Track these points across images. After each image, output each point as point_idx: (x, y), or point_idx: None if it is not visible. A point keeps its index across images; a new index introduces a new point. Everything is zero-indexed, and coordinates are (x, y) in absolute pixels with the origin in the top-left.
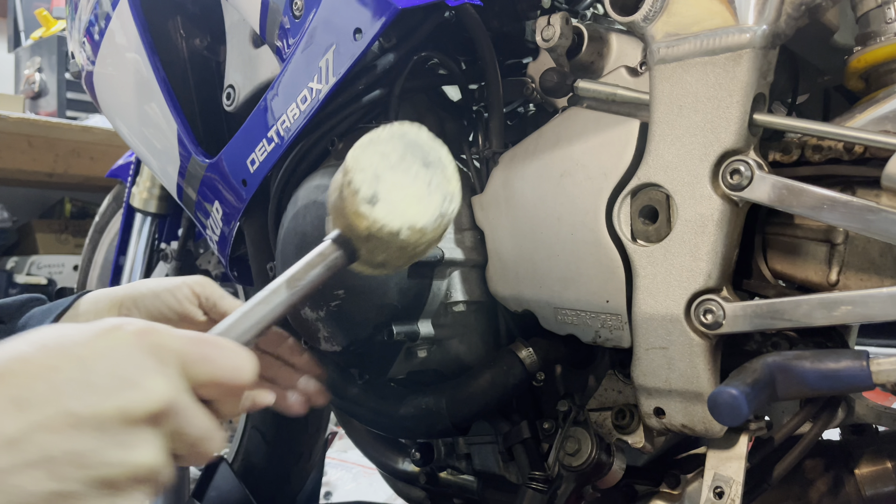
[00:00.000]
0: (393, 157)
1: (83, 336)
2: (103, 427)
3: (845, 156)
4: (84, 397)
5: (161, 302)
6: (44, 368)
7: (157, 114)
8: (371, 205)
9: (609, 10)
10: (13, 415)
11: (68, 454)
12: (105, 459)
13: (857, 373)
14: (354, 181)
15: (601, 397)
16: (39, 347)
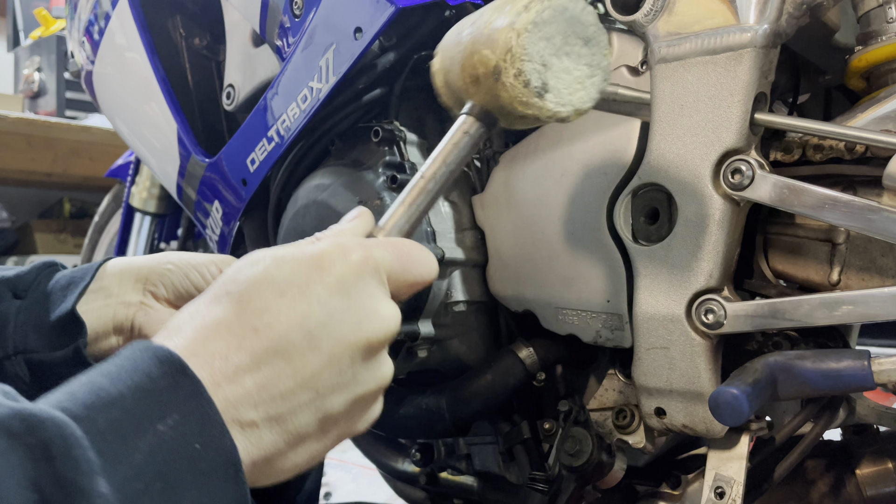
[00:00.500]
0: (557, 40)
1: (313, 273)
2: (357, 356)
3: (846, 155)
4: (339, 334)
5: (189, 280)
6: (296, 315)
7: (157, 113)
8: (540, 97)
9: (610, 9)
10: (280, 367)
11: (332, 386)
12: (360, 381)
13: (859, 373)
14: (525, 71)
15: (602, 397)
16: (281, 292)
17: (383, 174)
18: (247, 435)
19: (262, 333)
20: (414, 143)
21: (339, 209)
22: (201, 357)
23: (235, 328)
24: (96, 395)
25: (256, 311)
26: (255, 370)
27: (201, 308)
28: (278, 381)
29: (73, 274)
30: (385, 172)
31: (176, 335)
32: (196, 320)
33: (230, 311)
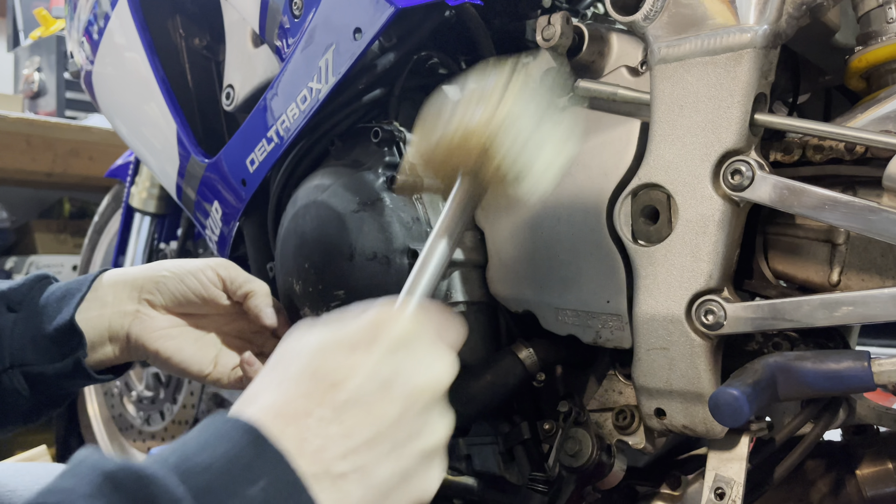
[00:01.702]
0: (529, 125)
1: (374, 332)
2: (424, 405)
3: (846, 156)
4: (408, 384)
5: (186, 286)
6: (368, 368)
7: (157, 113)
8: (519, 182)
9: (610, 9)
10: (361, 417)
11: (407, 436)
12: (429, 430)
13: (859, 373)
14: (503, 166)
15: (602, 398)
16: (350, 349)
17: (383, 174)
18: (337, 489)
19: (339, 387)
20: None
21: (339, 209)
22: (285, 417)
23: (312, 386)
24: (189, 462)
25: (330, 368)
26: (337, 422)
27: (273, 375)
28: (361, 430)
29: (67, 286)
30: (385, 173)
31: (254, 403)
32: (270, 387)
33: (303, 374)
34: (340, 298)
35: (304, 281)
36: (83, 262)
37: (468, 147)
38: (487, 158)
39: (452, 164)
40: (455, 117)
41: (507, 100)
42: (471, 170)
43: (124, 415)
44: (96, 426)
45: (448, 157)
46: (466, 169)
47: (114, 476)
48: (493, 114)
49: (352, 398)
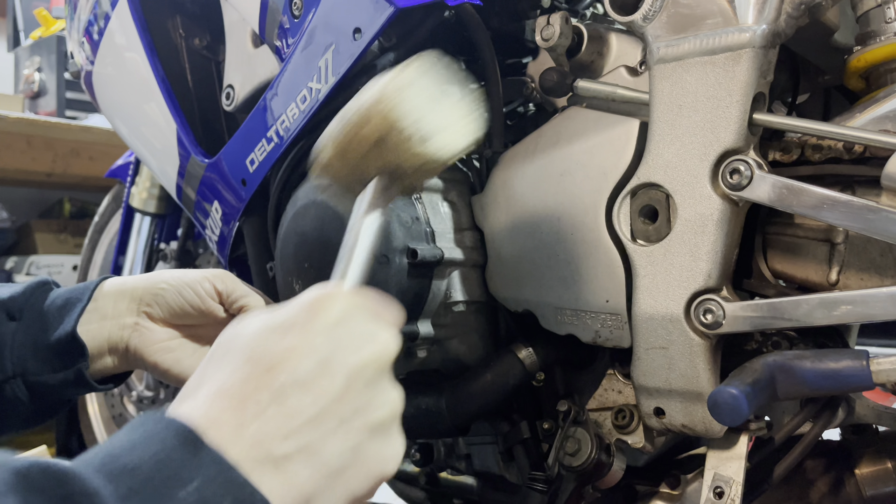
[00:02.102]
0: (425, 92)
1: (310, 313)
2: (369, 379)
3: (845, 155)
4: (349, 359)
5: (183, 299)
6: (304, 348)
7: (157, 113)
8: (424, 143)
9: (609, 9)
10: (301, 396)
11: (353, 411)
12: (377, 404)
13: (858, 372)
14: (405, 129)
15: (601, 397)
16: (284, 332)
17: None
18: (282, 472)
19: (275, 369)
20: None
21: (339, 209)
22: (220, 406)
23: (249, 373)
24: (115, 463)
25: (265, 354)
26: (277, 403)
27: (209, 368)
28: (302, 410)
29: (69, 294)
30: None
31: (190, 398)
32: (207, 379)
33: (239, 361)
34: None
35: (304, 281)
36: (83, 262)
37: (372, 124)
38: (391, 128)
39: (361, 148)
40: (352, 108)
41: (396, 78)
42: (379, 146)
43: (124, 415)
44: (96, 426)
45: (355, 142)
46: (376, 145)
47: (26, 474)
48: (385, 86)
49: (290, 379)
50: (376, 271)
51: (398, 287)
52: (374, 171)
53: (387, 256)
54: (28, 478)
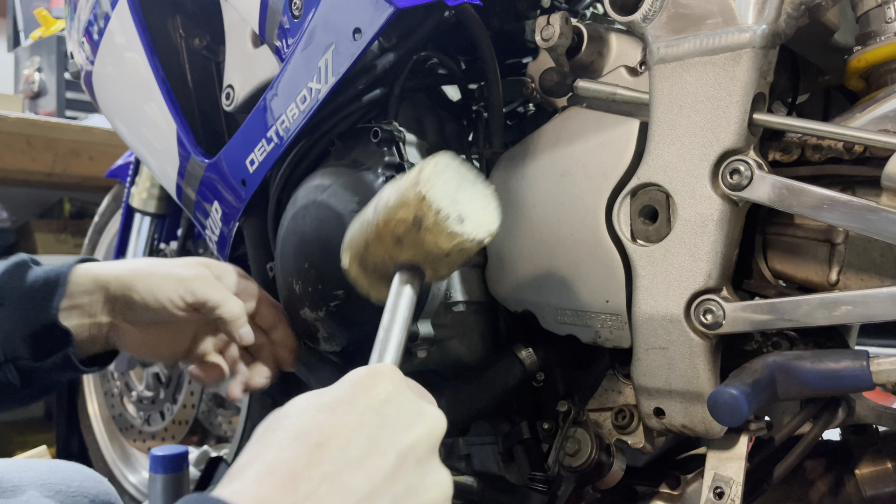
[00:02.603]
0: (454, 182)
1: (357, 390)
2: (420, 457)
3: (845, 155)
4: (400, 436)
5: (154, 310)
6: (353, 424)
7: (157, 113)
8: (461, 224)
9: (609, 9)
10: (353, 474)
11: (406, 490)
12: (427, 484)
13: (858, 373)
14: (443, 208)
15: (601, 398)
16: (332, 410)
17: (383, 175)
18: None
19: (325, 446)
20: (413, 143)
21: (339, 210)
22: (270, 488)
23: (298, 451)
24: None
25: (314, 430)
26: (329, 481)
27: (256, 447)
28: (356, 488)
29: (46, 276)
30: (385, 173)
31: (238, 478)
32: (254, 458)
33: (287, 439)
34: (340, 298)
35: (304, 281)
36: None
37: (407, 206)
38: (427, 206)
39: (398, 230)
40: (385, 196)
41: (427, 168)
42: (411, 236)
43: (124, 415)
44: (96, 426)
45: (392, 224)
46: (413, 225)
47: None
48: (419, 174)
49: (341, 456)
50: None
51: None
52: (408, 254)
53: None
54: None
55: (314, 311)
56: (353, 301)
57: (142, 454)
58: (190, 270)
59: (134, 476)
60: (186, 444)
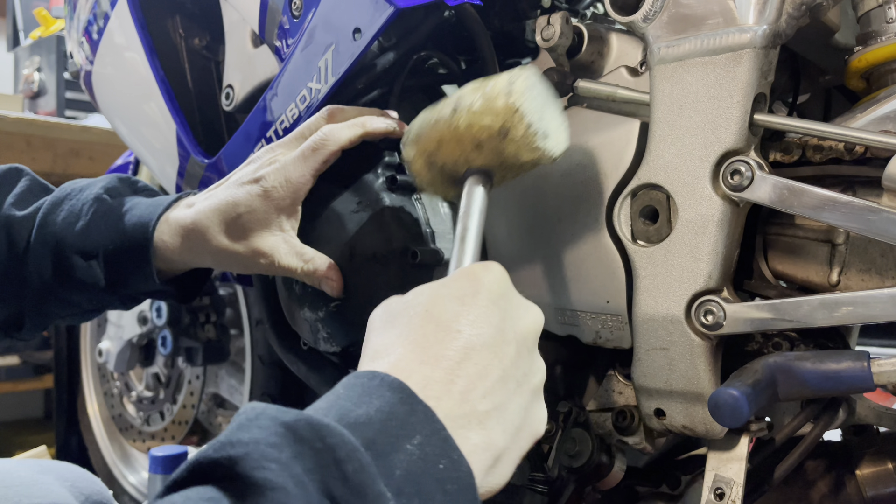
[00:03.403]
0: (541, 99)
1: (476, 284)
2: (531, 346)
3: (846, 156)
4: (517, 327)
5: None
6: (482, 314)
7: (156, 113)
8: (545, 140)
9: (609, 9)
10: (489, 358)
11: (524, 375)
12: (536, 369)
13: (858, 374)
14: (532, 123)
15: (601, 398)
16: (460, 300)
17: (383, 175)
18: (484, 429)
19: (462, 333)
20: None
21: (339, 209)
22: (424, 365)
23: (439, 334)
24: (349, 417)
25: (449, 317)
26: (471, 363)
27: (396, 329)
28: (491, 371)
29: (139, 217)
30: (385, 173)
31: (386, 357)
32: (399, 340)
33: (422, 321)
34: (340, 299)
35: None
36: None
37: (495, 113)
38: (518, 118)
39: (480, 135)
40: (462, 102)
41: (519, 80)
42: (493, 143)
43: (124, 415)
44: (96, 426)
45: (467, 135)
46: (498, 134)
47: (294, 427)
48: (511, 83)
49: (476, 341)
50: (375, 272)
51: (397, 288)
52: (484, 160)
53: (386, 257)
54: (296, 431)
55: (314, 312)
56: (352, 302)
57: (141, 454)
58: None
59: (134, 476)
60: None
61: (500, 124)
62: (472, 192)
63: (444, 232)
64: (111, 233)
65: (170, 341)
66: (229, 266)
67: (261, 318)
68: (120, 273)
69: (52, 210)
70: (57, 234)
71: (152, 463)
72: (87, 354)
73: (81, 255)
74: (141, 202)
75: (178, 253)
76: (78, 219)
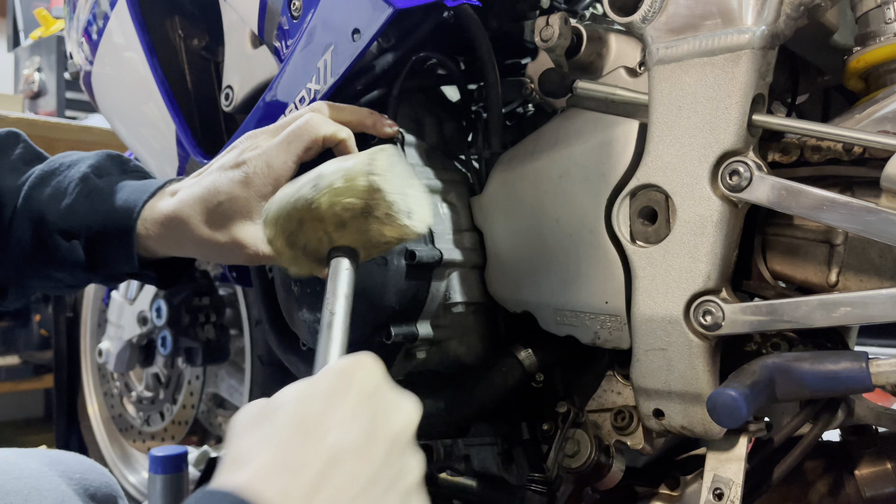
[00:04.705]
0: (402, 176)
1: (346, 382)
2: (404, 445)
3: (844, 156)
4: (388, 427)
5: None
6: (348, 415)
7: (156, 114)
8: (409, 219)
9: (608, 10)
10: (355, 462)
11: (396, 476)
12: (409, 469)
13: (857, 374)
14: (395, 202)
15: (600, 399)
16: (327, 399)
17: None
18: None
19: (327, 437)
20: (412, 144)
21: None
22: (283, 476)
23: (300, 440)
24: None
25: (314, 418)
26: (334, 469)
27: (259, 432)
28: (359, 476)
29: (125, 199)
30: None
31: (245, 466)
32: (260, 445)
33: (287, 429)
34: None
35: (302, 282)
36: None
37: (356, 192)
38: (380, 198)
39: (336, 222)
40: (320, 182)
41: (380, 159)
42: (356, 223)
43: (124, 415)
44: (96, 426)
45: (330, 214)
46: (362, 214)
47: None
48: (370, 162)
49: (342, 446)
50: (375, 273)
51: (397, 288)
52: (348, 239)
53: (385, 258)
54: None
55: (312, 313)
56: None
57: (141, 454)
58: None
59: (134, 476)
60: (186, 444)
61: (363, 203)
62: (337, 271)
63: (442, 232)
64: (95, 215)
65: (170, 341)
66: (211, 256)
67: (260, 319)
68: (102, 255)
69: (39, 184)
70: (41, 210)
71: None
72: (87, 354)
73: (64, 234)
74: (127, 186)
75: (159, 242)
76: (63, 196)
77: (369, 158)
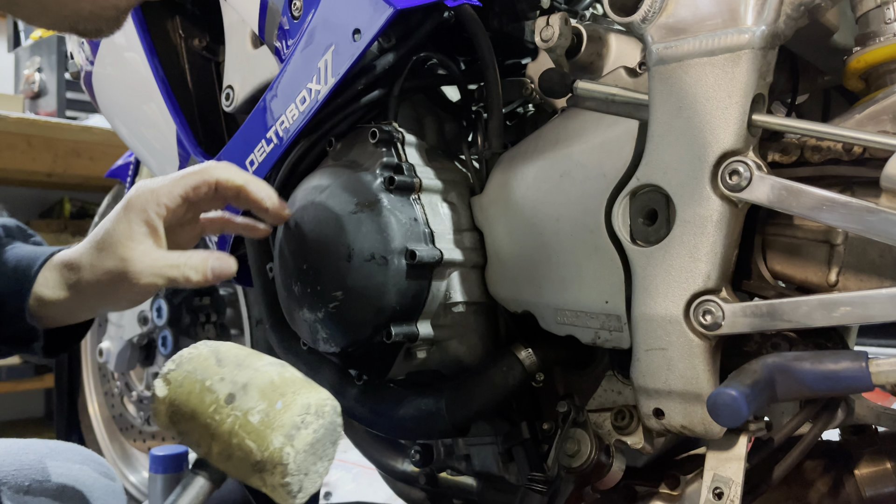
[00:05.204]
0: (318, 450)
1: None
2: None
3: (844, 156)
4: None
5: None
6: None
7: (156, 114)
8: (294, 498)
9: (608, 10)
10: None
11: None
12: None
13: (857, 374)
14: (291, 483)
15: (601, 398)
16: None
17: (381, 175)
18: None
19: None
20: (412, 144)
21: (337, 210)
22: None
23: None
24: None
25: None
26: None
27: None
28: None
29: (16, 265)
30: (383, 173)
31: None
32: None
33: None
34: (338, 299)
35: (303, 282)
36: None
37: (263, 446)
38: (280, 472)
39: (223, 451)
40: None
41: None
42: (244, 466)
43: (124, 415)
44: (96, 426)
45: (223, 441)
46: (234, 462)
47: None
48: (298, 427)
49: None
50: (376, 272)
51: (397, 288)
52: (225, 467)
53: (385, 258)
54: None
55: (313, 313)
56: (351, 302)
57: (142, 454)
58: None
59: (134, 476)
60: None
61: (261, 460)
62: (191, 487)
63: (443, 232)
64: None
65: (170, 341)
66: (105, 289)
67: (261, 318)
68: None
69: None
70: None
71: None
72: (87, 354)
73: None
74: (24, 247)
75: (55, 290)
76: None
77: (298, 421)
